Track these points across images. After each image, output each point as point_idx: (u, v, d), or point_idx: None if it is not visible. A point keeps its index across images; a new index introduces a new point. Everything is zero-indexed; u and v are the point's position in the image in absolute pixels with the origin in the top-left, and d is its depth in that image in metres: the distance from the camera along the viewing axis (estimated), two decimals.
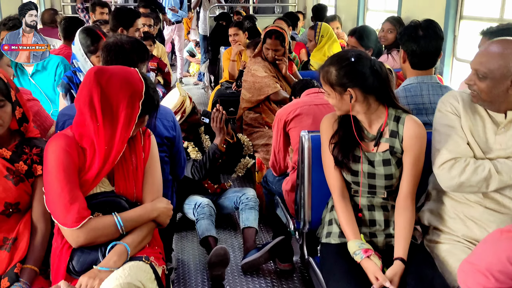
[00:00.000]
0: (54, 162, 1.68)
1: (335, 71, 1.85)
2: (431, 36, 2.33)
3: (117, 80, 1.71)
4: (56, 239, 1.75)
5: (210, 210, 3.06)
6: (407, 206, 1.90)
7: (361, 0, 5.49)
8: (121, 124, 1.70)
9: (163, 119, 2.30)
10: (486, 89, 1.77)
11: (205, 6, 7.91)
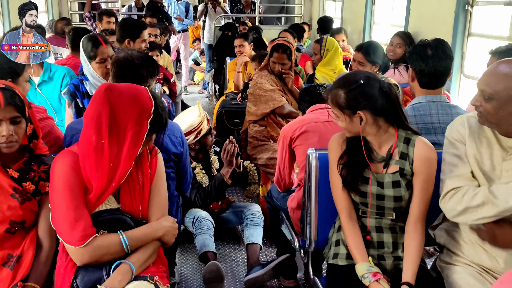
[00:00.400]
0: (60, 179, 1.67)
1: (344, 94, 1.84)
2: (440, 56, 2.31)
3: (126, 98, 1.70)
4: (60, 256, 1.73)
5: (208, 224, 3.05)
6: (417, 229, 1.88)
7: (367, 14, 5.49)
8: (128, 142, 1.68)
9: (171, 135, 2.29)
10: (492, 110, 1.70)
11: (211, 16, 7.94)
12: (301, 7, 8.14)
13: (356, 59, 3.46)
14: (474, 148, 1.82)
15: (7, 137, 1.71)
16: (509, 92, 1.65)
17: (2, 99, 1.69)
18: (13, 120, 1.73)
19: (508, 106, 1.66)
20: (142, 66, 2.24)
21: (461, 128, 1.86)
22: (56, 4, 7.54)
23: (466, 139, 1.84)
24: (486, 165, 1.80)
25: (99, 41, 2.82)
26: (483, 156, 1.81)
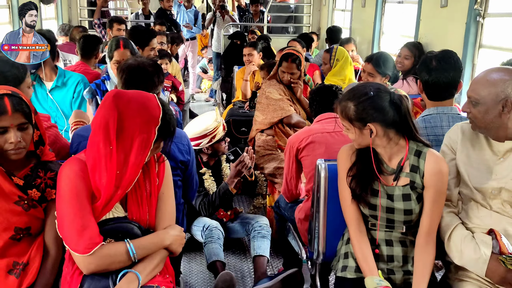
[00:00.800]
0: (67, 187, 1.65)
1: (354, 106, 1.82)
2: (443, 68, 2.32)
3: (135, 105, 1.69)
4: (67, 264, 1.71)
5: (219, 234, 3.02)
6: (428, 243, 1.85)
7: (376, 24, 5.48)
8: (135, 149, 1.67)
9: (178, 143, 2.29)
10: (479, 115, 1.80)
11: (219, 24, 7.97)
12: (310, 16, 8.15)
13: (366, 71, 3.44)
14: (464, 153, 1.91)
15: (15, 143, 1.70)
16: (492, 97, 1.76)
17: (9, 106, 1.68)
18: (20, 126, 1.72)
19: (493, 109, 1.77)
20: (154, 73, 2.25)
21: (454, 135, 1.96)
22: (66, 11, 7.59)
23: (458, 144, 1.93)
24: (478, 168, 1.87)
25: (119, 44, 2.95)
26: (474, 161, 1.88)
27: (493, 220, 1.83)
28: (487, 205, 1.85)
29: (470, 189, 1.88)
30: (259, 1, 7.99)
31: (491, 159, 1.85)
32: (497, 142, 1.85)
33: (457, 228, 1.88)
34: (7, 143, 1.69)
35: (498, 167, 1.84)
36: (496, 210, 1.84)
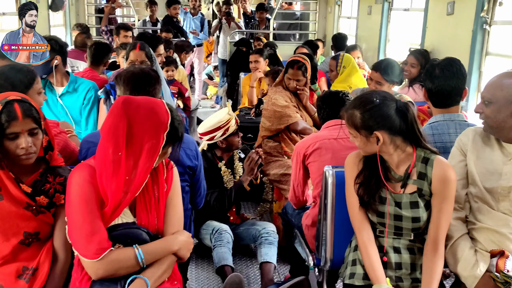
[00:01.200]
0: (77, 193, 1.67)
1: (360, 114, 1.83)
2: (446, 76, 2.35)
3: (144, 111, 1.70)
4: (76, 270, 1.72)
5: (228, 238, 3.02)
6: (436, 250, 1.84)
7: (382, 31, 5.50)
8: (144, 155, 1.68)
9: (186, 148, 2.30)
10: (491, 114, 1.85)
11: (225, 31, 8.00)
12: (316, 23, 8.17)
13: (374, 79, 3.43)
14: (475, 153, 1.94)
15: (26, 149, 1.71)
16: (505, 95, 1.81)
17: (20, 112, 1.70)
18: (31, 132, 1.74)
19: (505, 108, 1.81)
20: (157, 79, 2.28)
21: (465, 137, 2.00)
22: (74, 18, 7.66)
23: (469, 146, 1.96)
24: (487, 169, 1.90)
25: (135, 46, 3.04)
26: (484, 161, 1.91)
27: (502, 221, 1.84)
28: (495, 206, 1.87)
29: (479, 189, 1.90)
30: (265, 8, 8.02)
31: (501, 160, 1.88)
32: (508, 144, 1.88)
33: (462, 238, 1.90)
34: (18, 149, 1.71)
35: (507, 167, 1.86)
36: (504, 211, 1.86)
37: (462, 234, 1.91)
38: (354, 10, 6.87)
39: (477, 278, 1.79)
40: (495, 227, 1.85)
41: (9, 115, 1.68)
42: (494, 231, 1.85)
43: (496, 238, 1.85)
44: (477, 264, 1.82)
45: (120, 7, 8.06)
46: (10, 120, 1.69)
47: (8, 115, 1.68)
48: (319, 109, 2.76)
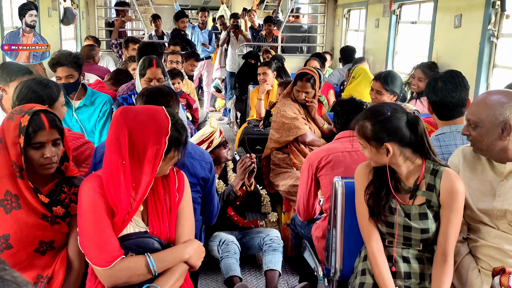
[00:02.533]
0: (86, 203, 1.70)
1: (371, 125, 1.86)
2: (449, 88, 2.37)
3: (142, 118, 1.73)
4: (90, 279, 1.75)
5: (235, 248, 3.04)
6: (445, 261, 1.85)
7: (390, 44, 5.53)
8: (147, 161, 1.70)
9: (201, 160, 2.33)
10: (479, 137, 1.84)
11: (233, 44, 8.08)
12: (323, 36, 8.23)
13: (374, 88, 3.45)
14: (467, 176, 1.93)
15: (50, 158, 1.76)
16: (490, 119, 1.79)
17: (46, 122, 1.75)
18: (54, 142, 1.79)
19: (492, 132, 1.80)
20: (170, 94, 2.33)
21: (455, 159, 2.00)
22: (84, 31, 7.77)
23: (460, 168, 1.95)
24: (480, 191, 1.89)
25: (152, 63, 3.10)
26: (477, 183, 1.90)
27: (503, 240, 1.84)
28: (494, 226, 1.87)
29: (474, 212, 1.89)
30: (273, 21, 8.09)
31: (494, 180, 1.87)
32: (499, 164, 1.87)
33: (465, 259, 1.91)
34: (42, 158, 1.76)
35: (501, 188, 1.85)
36: (504, 230, 1.85)
37: (465, 255, 1.92)
38: (361, 23, 6.93)
39: None
40: (496, 245, 1.85)
41: (37, 125, 1.74)
42: (495, 248, 1.85)
43: (498, 255, 1.84)
44: (482, 285, 1.82)
45: (130, 20, 8.17)
46: (38, 130, 1.74)
47: (36, 125, 1.74)
48: (337, 115, 2.75)
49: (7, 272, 0.72)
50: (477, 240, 1.91)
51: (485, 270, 1.85)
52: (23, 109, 1.77)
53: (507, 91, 1.87)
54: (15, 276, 0.72)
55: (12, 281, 0.71)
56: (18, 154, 1.72)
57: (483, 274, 1.85)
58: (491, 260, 1.84)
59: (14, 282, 0.71)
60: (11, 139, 1.73)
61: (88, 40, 6.22)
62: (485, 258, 1.87)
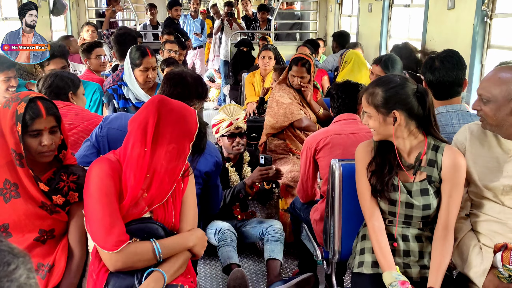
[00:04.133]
0: (96, 185, 1.69)
1: (382, 92, 1.85)
2: (447, 67, 2.35)
3: (176, 114, 1.73)
4: (93, 262, 1.75)
5: (231, 236, 3.06)
6: (445, 236, 1.86)
7: (383, 28, 5.52)
8: (168, 158, 1.70)
9: (207, 154, 2.29)
10: (490, 112, 1.81)
11: (227, 32, 8.03)
12: (316, 23, 8.20)
13: (374, 72, 3.45)
14: (474, 152, 1.92)
15: (48, 146, 1.74)
16: (504, 94, 1.78)
17: (43, 109, 1.73)
18: (52, 130, 1.77)
19: (505, 107, 1.79)
20: (193, 85, 2.26)
21: (461, 136, 1.98)
22: (75, 23, 7.70)
23: (466, 144, 1.94)
24: (487, 167, 1.88)
25: (146, 52, 3.02)
26: (484, 159, 1.89)
27: (507, 215, 1.84)
28: (499, 201, 1.87)
29: (479, 188, 1.90)
30: (267, 9, 8.05)
31: (501, 157, 1.87)
32: (507, 140, 1.87)
33: (466, 236, 1.91)
34: (40, 146, 1.74)
35: (508, 164, 1.85)
36: (508, 205, 1.86)
37: (466, 233, 1.92)
38: (354, 8, 6.90)
39: (484, 276, 1.80)
40: (500, 219, 1.86)
41: (34, 112, 1.72)
42: (499, 223, 1.86)
43: (501, 230, 1.85)
44: (483, 263, 1.83)
45: (121, 10, 8.08)
46: (35, 117, 1.72)
47: (33, 112, 1.72)
48: (333, 99, 2.75)
49: (3, 243, 0.72)
50: (480, 215, 1.92)
51: (486, 246, 1.86)
52: (19, 96, 1.75)
53: None
54: (12, 247, 0.72)
55: (8, 251, 0.71)
56: (17, 142, 1.71)
57: (484, 251, 1.86)
58: (494, 235, 1.85)
59: (10, 253, 0.71)
60: (9, 127, 1.71)
61: (88, 26, 6.14)
62: (487, 233, 1.88)
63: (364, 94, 1.92)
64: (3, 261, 0.70)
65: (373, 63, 3.58)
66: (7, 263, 0.70)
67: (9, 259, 0.70)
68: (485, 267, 1.80)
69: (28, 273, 0.71)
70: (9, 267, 0.69)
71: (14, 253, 0.72)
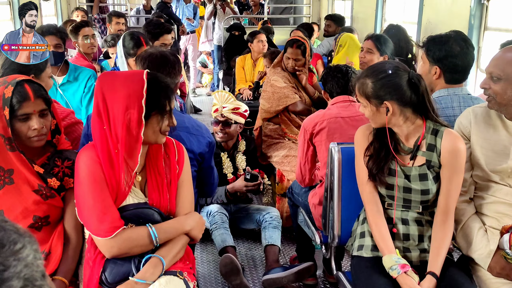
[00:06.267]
0: (85, 172, 1.66)
1: (371, 83, 1.82)
2: (468, 51, 2.30)
3: (117, 82, 1.66)
4: (89, 249, 1.73)
5: (222, 217, 3.06)
6: (445, 221, 1.85)
7: (378, 11, 5.47)
8: (125, 126, 1.62)
9: (199, 136, 2.27)
10: (500, 91, 1.79)
11: (220, 17, 7.94)
12: (310, 7, 8.12)
13: (365, 47, 3.36)
14: (480, 135, 1.89)
15: (38, 130, 1.70)
16: None
17: (31, 92, 1.68)
18: (42, 113, 1.72)
19: None
20: (175, 62, 2.22)
21: (465, 120, 1.95)
22: (65, 7, 7.57)
23: (471, 128, 1.92)
24: (493, 150, 1.86)
25: (141, 42, 2.91)
26: (490, 143, 1.87)
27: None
28: (506, 184, 1.85)
29: (486, 172, 1.88)
30: None
31: (507, 140, 1.85)
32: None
33: (470, 219, 1.90)
34: (30, 130, 1.69)
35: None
36: None
37: (471, 216, 1.91)
38: None
39: (490, 258, 1.79)
40: (508, 200, 1.84)
41: (21, 95, 1.66)
42: (507, 204, 1.84)
43: (509, 211, 1.83)
44: (488, 245, 1.81)
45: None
46: (22, 101, 1.66)
47: (20, 95, 1.66)
48: (325, 83, 2.74)
49: (8, 223, 0.72)
50: (486, 197, 1.90)
51: (492, 228, 1.85)
52: (7, 80, 1.70)
53: None
54: (17, 227, 0.72)
55: (13, 230, 0.71)
56: (4, 126, 1.66)
57: (490, 233, 1.85)
58: (501, 216, 1.84)
59: (16, 232, 0.71)
60: None
61: (78, 11, 6.03)
62: (494, 215, 1.86)
63: (356, 83, 1.89)
64: (9, 239, 0.69)
65: (365, 39, 3.51)
66: (14, 242, 0.69)
67: (15, 237, 0.69)
68: (491, 248, 1.79)
69: (35, 253, 0.70)
70: (15, 246, 0.68)
71: (20, 232, 0.71)
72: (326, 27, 6.15)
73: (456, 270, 1.85)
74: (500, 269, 1.76)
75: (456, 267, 1.87)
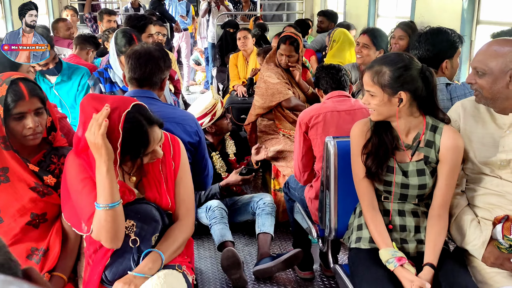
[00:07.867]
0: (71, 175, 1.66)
1: (389, 71, 1.79)
2: (430, 43, 2.39)
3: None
4: (88, 247, 1.73)
5: (221, 212, 3.06)
6: (441, 215, 1.86)
7: (371, 7, 5.48)
8: None
9: (186, 125, 2.27)
10: (486, 85, 1.79)
11: (214, 14, 7.93)
12: (303, 3, 8.12)
13: (361, 42, 3.38)
14: (469, 129, 1.90)
15: (34, 129, 1.69)
16: (500, 66, 1.76)
17: (26, 91, 1.67)
18: (37, 111, 1.72)
19: (501, 79, 1.77)
20: (160, 58, 2.22)
21: (455, 113, 1.96)
22: (56, 5, 7.53)
23: (460, 122, 1.92)
24: (483, 143, 1.87)
25: (133, 40, 2.89)
26: (479, 136, 1.88)
27: (506, 187, 1.84)
28: (497, 176, 1.87)
29: (476, 165, 1.89)
30: None
31: (496, 133, 1.86)
32: (501, 115, 1.85)
33: (463, 212, 1.91)
34: (26, 129, 1.69)
35: (504, 139, 1.84)
36: (506, 179, 1.85)
37: (463, 208, 1.92)
38: None
39: (483, 248, 1.80)
40: (498, 192, 1.85)
41: (16, 94, 1.66)
42: (498, 195, 1.85)
43: (500, 203, 1.85)
44: (481, 236, 1.83)
45: None
46: (17, 100, 1.66)
47: (15, 94, 1.65)
48: (318, 80, 2.74)
49: None
50: (478, 189, 1.91)
51: (485, 220, 1.86)
52: (1, 78, 1.69)
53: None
54: None
55: None
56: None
57: (483, 224, 1.86)
58: (493, 207, 1.85)
59: None
60: None
61: (68, 10, 6.01)
62: (486, 206, 1.88)
63: (368, 72, 1.85)
64: None
65: (360, 33, 3.53)
66: None
67: None
68: (484, 239, 1.81)
69: None
70: None
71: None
72: (319, 23, 6.15)
73: (452, 261, 1.86)
74: (494, 259, 1.78)
75: (452, 258, 1.88)
